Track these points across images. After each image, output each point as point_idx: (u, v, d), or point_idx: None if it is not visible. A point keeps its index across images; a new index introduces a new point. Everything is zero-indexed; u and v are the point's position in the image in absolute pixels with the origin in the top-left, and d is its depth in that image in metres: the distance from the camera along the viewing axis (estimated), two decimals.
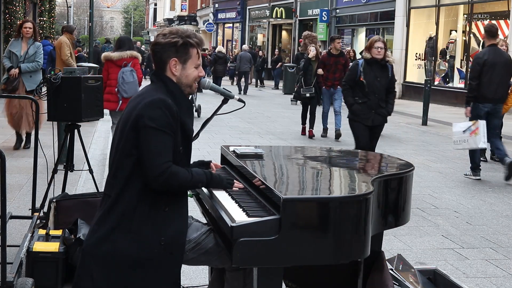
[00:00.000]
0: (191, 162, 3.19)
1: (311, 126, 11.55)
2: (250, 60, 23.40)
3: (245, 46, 27.04)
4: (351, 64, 7.93)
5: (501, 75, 7.70)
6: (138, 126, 2.69)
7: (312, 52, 11.42)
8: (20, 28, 8.62)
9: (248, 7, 36.56)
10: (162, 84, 2.82)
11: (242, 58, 22.99)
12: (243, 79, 23.48)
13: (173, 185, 2.70)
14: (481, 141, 7.57)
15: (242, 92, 22.50)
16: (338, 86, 11.06)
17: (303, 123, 11.84)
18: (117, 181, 2.76)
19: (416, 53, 21.20)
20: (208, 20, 41.67)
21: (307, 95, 11.37)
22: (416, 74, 21.10)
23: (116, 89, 7.83)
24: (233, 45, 38.63)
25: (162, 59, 2.83)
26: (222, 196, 2.99)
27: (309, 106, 11.58)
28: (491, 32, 7.93)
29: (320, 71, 11.29)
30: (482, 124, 7.63)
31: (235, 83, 25.84)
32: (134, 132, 2.70)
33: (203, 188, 3.09)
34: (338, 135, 11.15)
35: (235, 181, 3.04)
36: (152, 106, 2.69)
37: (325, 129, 11.66)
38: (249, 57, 23.49)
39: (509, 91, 8.17)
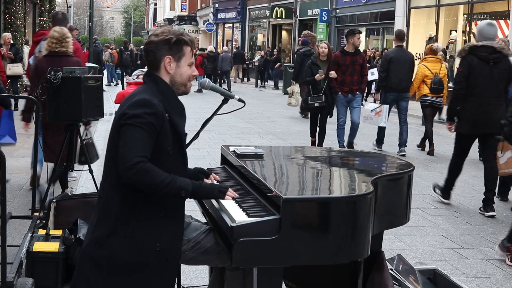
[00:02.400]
0: (192, 168, 3.18)
1: (320, 142, 9.71)
2: (231, 60, 24.99)
3: (225, 48, 29.35)
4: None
5: (404, 70, 9.65)
6: (119, 124, 2.68)
7: (323, 49, 9.39)
8: None
9: (248, 7, 36.56)
10: (154, 85, 2.79)
11: (223, 59, 24.32)
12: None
13: (144, 182, 2.59)
14: (382, 121, 9.85)
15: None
16: (358, 92, 9.40)
17: (313, 135, 9.86)
18: (107, 183, 2.76)
19: (416, 53, 21.17)
20: (208, 20, 41.67)
21: (316, 104, 9.25)
22: None
23: None
24: (233, 45, 38.64)
25: (156, 57, 2.81)
26: None
27: (318, 117, 9.58)
28: (400, 36, 10.19)
29: (333, 73, 9.16)
30: (385, 108, 9.81)
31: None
32: (117, 131, 2.69)
33: None
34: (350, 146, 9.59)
35: (229, 190, 2.88)
36: (135, 105, 2.67)
37: (341, 147, 9.40)
38: (230, 58, 25.02)
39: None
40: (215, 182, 3.15)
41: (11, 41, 13.77)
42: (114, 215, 2.70)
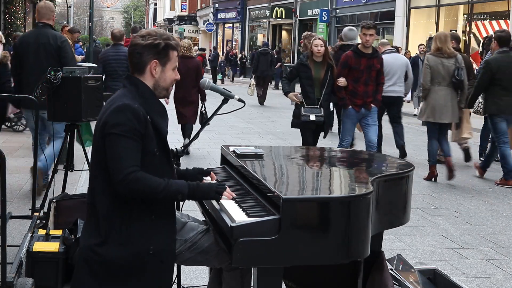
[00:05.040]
0: (191, 168, 3.18)
1: None
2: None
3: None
4: None
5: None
6: (103, 134, 2.67)
7: (317, 47, 6.93)
8: None
9: (248, 7, 36.56)
10: (134, 88, 2.78)
11: None
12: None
13: (138, 191, 2.62)
14: None
15: None
16: (373, 105, 7.30)
17: None
18: (95, 190, 2.76)
19: (416, 53, 21.20)
20: (208, 20, 41.68)
21: (312, 118, 6.90)
22: None
23: None
24: (233, 45, 38.62)
25: (142, 61, 2.78)
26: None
27: (313, 137, 7.23)
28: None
29: (343, 81, 7.08)
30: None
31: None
32: (102, 139, 2.69)
33: None
34: None
35: (226, 190, 2.87)
36: (116, 112, 2.66)
37: None
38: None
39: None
40: (214, 181, 3.14)
41: (3, 41, 13.77)
42: (105, 221, 2.70)
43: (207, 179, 3.19)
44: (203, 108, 9.19)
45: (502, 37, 7.70)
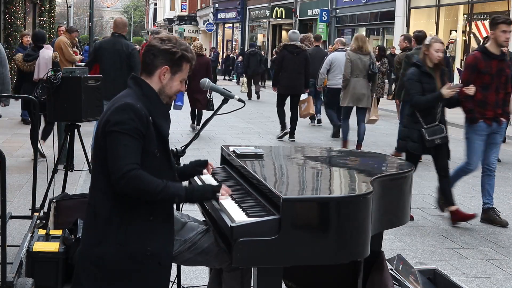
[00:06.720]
0: (188, 162, 3.18)
1: (449, 200, 5.92)
2: None
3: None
4: None
5: (318, 65, 11.38)
6: (105, 132, 2.67)
7: (438, 53, 5.68)
8: None
9: (248, 7, 36.55)
10: (138, 88, 2.78)
11: None
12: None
13: (136, 190, 2.60)
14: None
15: None
16: (503, 119, 5.94)
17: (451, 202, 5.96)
18: (95, 189, 2.75)
19: None
20: (208, 20, 41.66)
21: (438, 141, 5.70)
22: None
23: None
24: (233, 45, 38.61)
25: (154, 63, 2.78)
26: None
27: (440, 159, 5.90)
28: (317, 38, 13.78)
29: (473, 89, 5.66)
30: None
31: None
32: (103, 137, 2.69)
33: None
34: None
35: (222, 187, 2.87)
36: (118, 111, 2.66)
37: (490, 209, 6.04)
38: None
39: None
40: (213, 167, 3.21)
41: None
42: (104, 221, 2.70)
43: (205, 172, 3.21)
44: (210, 96, 11.01)
45: (419, 36, 9.30)
